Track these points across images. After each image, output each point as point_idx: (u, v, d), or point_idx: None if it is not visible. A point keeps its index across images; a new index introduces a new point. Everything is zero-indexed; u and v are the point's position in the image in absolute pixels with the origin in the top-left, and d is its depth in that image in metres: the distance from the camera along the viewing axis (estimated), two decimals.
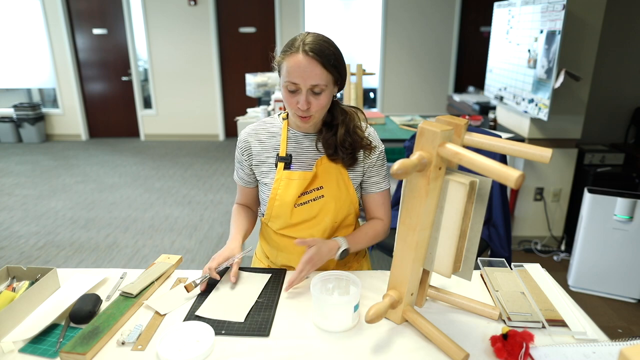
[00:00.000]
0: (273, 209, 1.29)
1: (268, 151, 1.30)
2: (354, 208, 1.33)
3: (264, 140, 1.31)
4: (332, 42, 1.17)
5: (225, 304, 1.12)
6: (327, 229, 1.30)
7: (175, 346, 0.95)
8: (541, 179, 3.11)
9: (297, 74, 1.13)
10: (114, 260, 3.10)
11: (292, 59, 1.13)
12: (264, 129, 1.32)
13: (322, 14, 6.15)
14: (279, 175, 1.27)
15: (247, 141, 1.31)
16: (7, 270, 1.22)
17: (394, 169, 0.83)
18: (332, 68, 1.15)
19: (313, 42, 1.13)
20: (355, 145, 1.26)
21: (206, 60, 6.19)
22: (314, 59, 1.12)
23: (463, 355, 0.90)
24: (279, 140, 1.30)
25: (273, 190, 1.27)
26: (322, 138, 1.27)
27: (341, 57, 1.19)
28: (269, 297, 1.16)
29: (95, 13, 6.10)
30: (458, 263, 0.99)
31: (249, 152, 1.31)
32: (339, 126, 1.25)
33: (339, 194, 1.28)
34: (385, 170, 1.35)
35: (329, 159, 1.27)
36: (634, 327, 2.38)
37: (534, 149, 0.83)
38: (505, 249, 2.00)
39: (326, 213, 1.28)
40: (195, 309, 1.10)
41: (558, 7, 2.49)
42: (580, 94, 2.85)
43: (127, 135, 6.66)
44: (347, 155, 1.26)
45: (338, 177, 1.28)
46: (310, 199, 1.27)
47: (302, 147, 1.29)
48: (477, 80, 5.43)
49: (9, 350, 0.97)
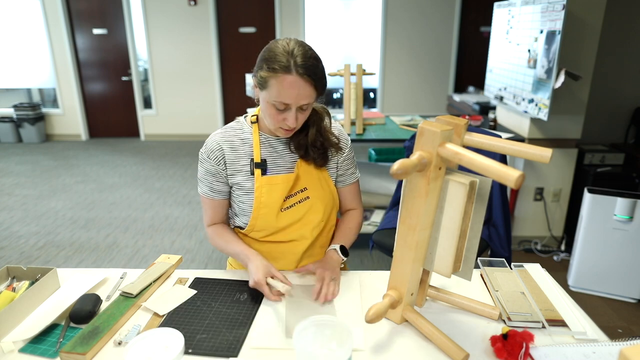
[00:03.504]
0: (258, 217, 1.25)
1: (242, 159, 1.25)
2: (335, 204, 1.34)
3: (237, 147, 1.25)
4: (316, 54, 1.12)
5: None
6: (315, 229, 1.29)
7: (144, 352, 0.93)
8: (541, 179, 3.11)
9: (290, 95, 1.08)
10: (114, 260, 3.10)
11: (285, 80, 1.07)
12: (234, 135, 1.26)
13: (322, 14, 6.15)
14: (259, 183, 1.23)
15: (220, 150, 1.23)
16: (7, 270, 1.22)
17: (394, 169, 0.83)
18: (320, 84, 1.12)
19: (303, 59, 1.07)
20: (326, 144, 1.26)
21: (206, 60, 6.19)
22: (308, 81, 1.08)
23: (463, 355, 0.90)
24: (252, 146, 1.25)
25: (256, 198, 1.23)
26: (293, 140, 1.25)
27: (323, 67, 1.14)
28: (245, 312, 1.09)
29: (95, 13, 6.10)
30: (458, 263, 0.99)
31: (224, 160, 1.24)
32: (310, 127, 1.24)
33: (323, 193, 1.28)
34: (354, 162, 1.38)
35: (302, 160, 1.26)
36: (634, 327, 2.38)
37: (534, 149, 0.83)
38: (505, 249, 1.99)
39: (314, 213, 1.27)
40: (289, 330, 1.02)
41: (558, 7, 2.49)
42: (580, 94, 2.85)
43: (127, 135, 6.66)
44: (319, 155, 1.25)
45: (320, 176, 1.28)
46: (296, 202, 1.26)
47: (276, 150, 1.26)
48: (477, 80, 5.43)
49: (9, 350, 0.97)
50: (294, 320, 1.06)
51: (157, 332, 0.99)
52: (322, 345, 0.88)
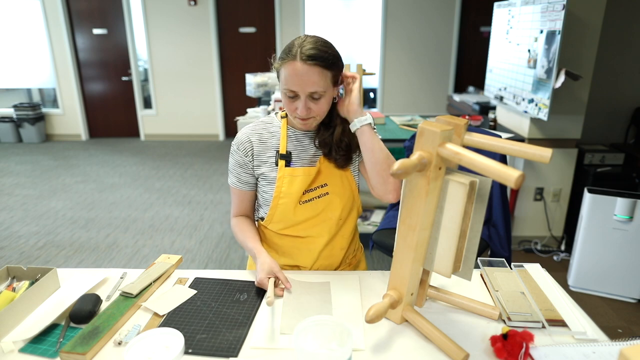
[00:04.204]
0: (277, 207, 1.27)
1: (269, 150, 1.28)
2: (356, 205, 1.33)
3: (265, 140, 1.29)
4: (330, 44, 1.16)
5: (305, 317, 1.04)
6: (332, 227, 1.30)
7: (144, 352, 0.93)
8: (541, 179, 3.11)
9: (295, 81, 1.12)
10: (114, 260, 3.10)
11: (290, 67, 1.11)
12: (264, 128, 1.31)
13: (322, 14, 6.14)
14: (282, 173, 1.25)
15: (249, 142, 1.28)
16: (7, 270, 1.22)
17: (394, 169, 0.83)
18: (330, 68, 1.13)
19: (310, 47, 1.11)
20: (351, 146, 1.26)
21: (206, 60, 6.19)
22: (312, 66, 1.10)
23: (463, 355, 0.90)
24: (279, 139, 1.29)
25: (277, 188, 1.26)
26: (319, 136, 1.27)
27: (339, 57, 1.17)
28: (245, 312, 1.09)
29: (95, 13, 6.10)
30: (458, 263, 0.99)
31: (252, 152, 1.28)
32: (337, 127, 1.25)
33: (343, 190, 1.28)
34: None
35: (325, 157, 1.27)
36: (634, 327, 2.38)
37: (534, 149, 0.83)
38: (505, 249, 2.00)
39: (332, 210, 1.28)
40: (284, 327, 1.03)
41: (558, 7, 2.49)
42: (580, 94, 2.85)
43: (127, 135, 6.66)
44: (341, 157, 1.25)
45: (342, 173, 1.28)
46: (315, 197, 1.27)
47: (302, 144, 1.29)
48: (477, 80, 5.44)
49: (9, 350, 0.97)
50: (290, 317, 1.07)
51: (157, 332, 0.99)
52: (322, 345, 0.88)
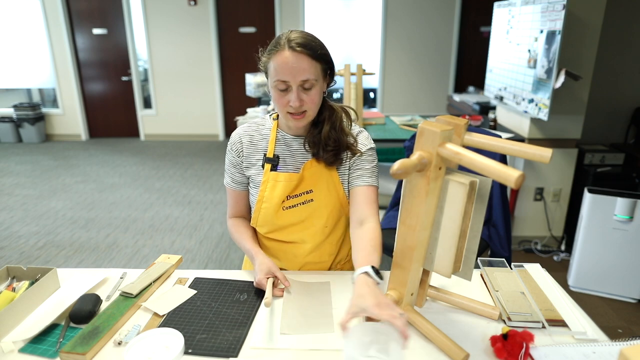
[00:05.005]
0: (260, 211, 1.26)
1: (258, 153, 1.27)
2: (344, 212, 1.29)
3: (256, 142, 1.28)
4: (317, 37, 1.16)
5: (305, 317, 1.07)
6: (317, 233, 1.28)
7: (144, 352, 0.93)
8: (541, 179, 3.11)
9: (286, 70, 1.10)
10: (114, 260, 3.10)
11: (279, 57, 1.10)
12: (256, 130, 1.29)
13: (322, 14, 6.14)
14: (266, 177, 1.24)
15: (240, 142, 1.28)
16: (7, 270, 1.22)
17: (394, 169, 0.83)
18: (320, 58, 1.13)
19: (298, 36, 1.11)
20: (339, 142, 1.22)
21: (206, 60, 6.19)
22: (301, 53, 1.09)
23: (463, 355, 0.90)
24: (269, 141, 1.27)
25: (260, 192, 1.25)
26: (308, 137, 1.25)
27: (328, 52, 1.16)
28: (245, 313, 1.09)
29: (95, 13, 6.09)
30: (458, 263, 0.99)
31: (242, 153, 1.28)
32: (324, 122, 1.22)
33: (329, 197, 1.25)
34: (374, 168, 1.25)
35: (316, 161, 1.24)
36: (634, 327, 2.38)
37: (534, 149, 0.83)
38: (505, 249, 1.99)
39: (317, 217, 1.26)
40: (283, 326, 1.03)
41: (558, 7, 2.49)
42: (580, 94, 2.85)
43: (127, 135, 6.66)
44: (329, 153, 1.21)
45: (328, 180, 1.25)
46: (299, 203, 1.24)
47: (290, 149, 1.26)
48: (477, 80, 5.43)
49: (9, 350, 0.97)
50: (290, 317, 1.07)
51: (157, 332, 0.99)
52: (362, 354, 0.88)
